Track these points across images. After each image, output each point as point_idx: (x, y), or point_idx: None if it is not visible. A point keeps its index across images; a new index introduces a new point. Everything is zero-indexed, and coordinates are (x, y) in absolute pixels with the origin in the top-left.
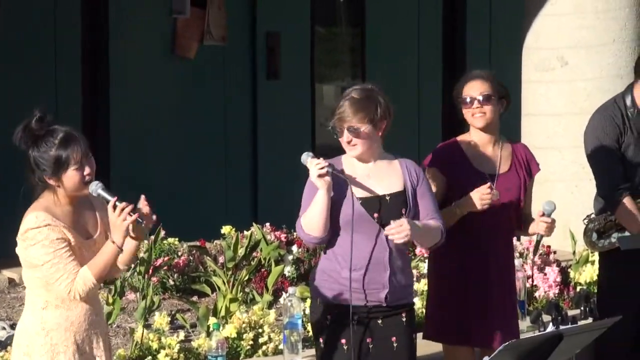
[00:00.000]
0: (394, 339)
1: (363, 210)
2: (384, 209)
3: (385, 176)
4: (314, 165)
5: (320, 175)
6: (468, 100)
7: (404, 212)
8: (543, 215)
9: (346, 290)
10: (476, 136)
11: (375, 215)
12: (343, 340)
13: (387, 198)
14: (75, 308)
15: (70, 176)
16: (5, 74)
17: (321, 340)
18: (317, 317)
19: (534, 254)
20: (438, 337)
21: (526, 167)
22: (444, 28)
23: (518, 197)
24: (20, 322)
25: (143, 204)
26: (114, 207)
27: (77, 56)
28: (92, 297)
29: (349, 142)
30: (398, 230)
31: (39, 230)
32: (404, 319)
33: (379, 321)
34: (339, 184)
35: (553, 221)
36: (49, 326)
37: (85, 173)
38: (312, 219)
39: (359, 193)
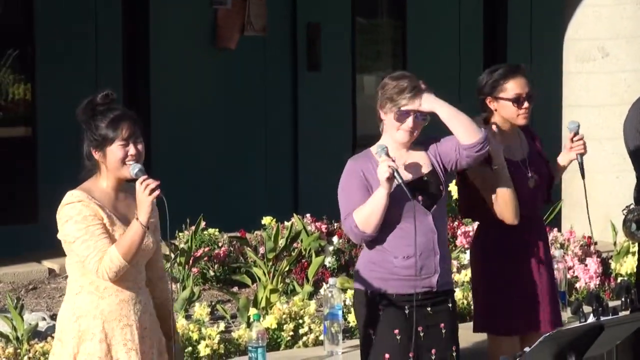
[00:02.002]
0: (442, 325)
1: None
2: (426, 189)
3: (418, 160)
4: (385, 165)
5: (388, 178)
6: (517, 98)
7: (441, 189)
8: (574, 135)
9: (398, 278)
10: (501, 126)
11: (420, 198)
12: (396, 331)
13: (425, 178)
14: (109, 297)
15: (113, 151)
16: (45, 69)
17: (371, 332)
18: (366, 308)
19: (583, 177)
20: (485, 328)
21: (540, 144)
22: (485, 19)
23: (548, 174)
24: (60, 309)
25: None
26: (141, 183)
27: (118, 48)
28: (131, 287)
29: (412, 128)
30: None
31: (72, 206)
32: (450, 305)
33: (429, 309)
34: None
35: (582, 136)
36: (79, 312)
37: (129, 153)
38: (369, 218)
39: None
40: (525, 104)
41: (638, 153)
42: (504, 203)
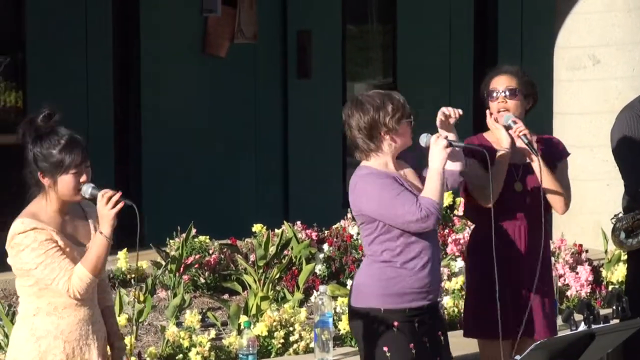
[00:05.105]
0: (439, 333)
1: None
2: None
3: (411, 173)
4: (436, 139)
5: (446, 146)
6: (494, 94)
7: None
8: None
9: (412, 292)
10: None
11: None
12: (411, 345)
13: None
14: (68, 317)
15: (66, 180)
16: (36, 75)
17: (385, 349)
18: (378, 326)
19: (534, 152)
20: (475, 333)
21: (552, 154)
22: (476, 26)
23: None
24: (12, 331)
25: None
26: (103, 197)
27: (108, 55)
28: (88, 305)
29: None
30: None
31: (26, 235)
32: (440, 313)
33: (429, 319)
34: (397, 180)
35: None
36: (38, 333)
37: (81, 180)
38: (442, 190)
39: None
40: (500, 98)
41: (625, 161)
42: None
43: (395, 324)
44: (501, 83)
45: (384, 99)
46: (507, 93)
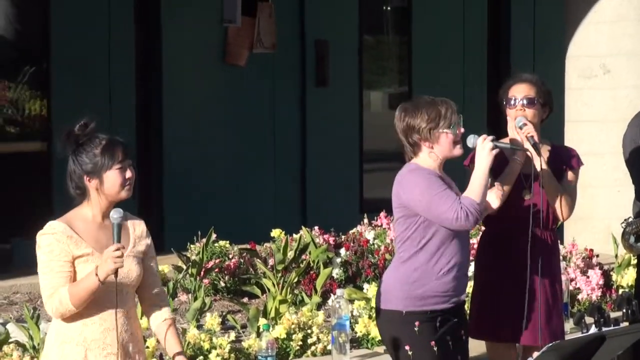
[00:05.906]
0: (462, 332)
1: None
2: None
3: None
4: (482, 141)
5: (492, 149)
6: (512, 101)
7: None
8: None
9: (435, 295)
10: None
11: None
12: (432, 342)
13: None
14: (92, 325)
15: (112, 177)
16: (60, 84)
17: (407, 348)
18: (401, 327)
19: (538, 154)
20: (479, 334)
21: (566, 165)
22: (489, 37)
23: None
24: (47, 332)
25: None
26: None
27: (130, 64)
28: (117, 316)
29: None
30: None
31: (46, 237)
32: (463, 313)
33: (455, 319)
34: (444, 179)
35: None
36: (63, 337)
37: (126, 176)
38: (483, 190)
39: None
40: (519, 106)
41: (636, 167)
42: None
43: (417, 323)
44: (520, 91)
45: (425, 107)
46: (525, 102)
